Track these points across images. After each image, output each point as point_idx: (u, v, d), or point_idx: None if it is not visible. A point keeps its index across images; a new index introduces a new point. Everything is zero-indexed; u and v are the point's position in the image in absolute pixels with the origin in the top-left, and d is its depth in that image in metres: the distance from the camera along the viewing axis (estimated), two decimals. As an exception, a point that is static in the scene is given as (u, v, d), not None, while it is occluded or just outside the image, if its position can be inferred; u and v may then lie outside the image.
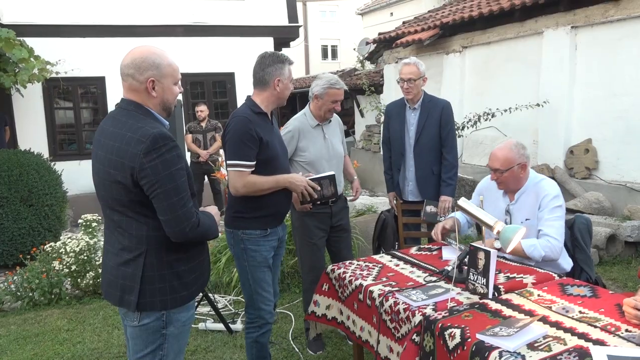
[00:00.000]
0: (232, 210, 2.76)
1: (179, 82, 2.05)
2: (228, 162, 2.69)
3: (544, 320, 1.97)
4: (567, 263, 2.84)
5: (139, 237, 1.91)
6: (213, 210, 2.18)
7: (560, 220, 2.75)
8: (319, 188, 2.89)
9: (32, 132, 8.68)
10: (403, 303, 2.25)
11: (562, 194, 2.84)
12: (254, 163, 2.66)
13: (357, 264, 2.84)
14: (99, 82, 9.01)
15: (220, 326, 3.90)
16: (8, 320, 4.40)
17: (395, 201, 3.98)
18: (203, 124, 7.65)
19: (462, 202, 2.52)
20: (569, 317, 1.99)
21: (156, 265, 1.92)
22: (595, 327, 1.89)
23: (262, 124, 2.71)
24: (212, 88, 9.94)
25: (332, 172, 3.03)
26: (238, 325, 3.93)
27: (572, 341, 1.80)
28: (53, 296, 4.70)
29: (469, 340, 1.86)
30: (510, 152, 2.81)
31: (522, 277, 2.46)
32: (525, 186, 2.86)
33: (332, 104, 3.33)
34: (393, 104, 4.08)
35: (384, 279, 2.58)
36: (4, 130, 7.96)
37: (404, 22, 10.70)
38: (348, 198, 3.64)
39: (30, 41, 7.44)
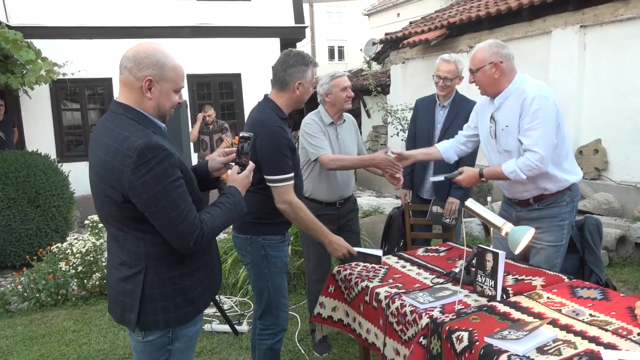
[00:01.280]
0: (252, 216, 2.54)
1: (180, 92, 1.88)
2: (275, 177, 2.49)
3: (554, 323, 1.93)
4: (572, 174, 2.73)
5: (137, 253, 1.78)
6: (236, 180, 1.99)
7: (540, 126, 2.55)
8: (353, 257, 2.72)
9: (39, 134, 8.73)
10: (410, 305, 2.22)
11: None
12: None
13: (363, 266, 2.81)
14: (106, 83, 9.06)
15: (226, 328, 3.89)
16: (15, 321, 4.40)
17: (405, 199, 3.96)
18: (210, 126, 7.66)
19: (470, 203, 2.49)
20: (579, 320, 1.95)
21: (157, 282, 1.79)
22: (607, 330, 1.85)
23: (288, 132, 2.61)
24: (219, 89, 9.96)
25: (379, 253, 2.72)
26: (244, 327, 3.91)
27: (583, 345, 1.76)
28: (59, 297, 4.71)
29: (477, 343, 1.82)
30: (483, 50, 2.66)
31: (530, 279, 2.42)
32: (507, 90, 2.68)
33: (343, 93, 3.29)
34: (423, 99, 4.02)
35: (391, 281, 2.55)
36: (12, 131, 8.00)
37: (410, 23, 10.66)
38: (395, 186, 3.49)
39: (37, 43, 7.46)
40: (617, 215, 5.73)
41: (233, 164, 2.08)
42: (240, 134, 2.07)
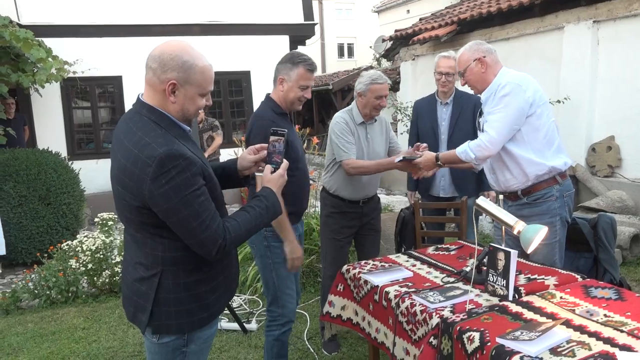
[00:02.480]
0: None
1: (209, 95, 1.78)
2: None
3: (567, 323, 1.89)
4: (553, 160, 2.70)
5: (154, 256, 1.73)
6: (271, 181, 1.90)
7: (501, 111, 2.64)
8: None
9: (50, 132, 8.76)
10: (420, 305, 2.19)
11: (584, 193, 2.76)
12: None
13: (373, 264, 2.79)
14: (116, 81, 9.07)
15: (234, 326, 3.87)
16: (26, 318, 4.43)
17: (413, 198, 3.94)
18: (200, 125, 7.62)
19: (481, 201, 2.45)
20: (593, 320, 1.91)
21: (172, 287, 1.74)
22: (622, 331, 1.81)
23: (284, 125, 2.60)
24: (228, 87, 9.95)
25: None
26: (253, 325, 3.89)
27: (597, 346, 1.72)
28: (70, 294, 4.73)
29: (489, 344, 1.79)
30: (466, 51, 2.80)
31: (543, 278, 2.37)
32: (492, 85, 2.77)
33: (376, 100, 3.29)
34: (422, 100, 4.02)
35: (400, 280, 2.52)
36: (23, 129, 8.05)
37: (420, 19, 10.59)
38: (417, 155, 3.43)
39: (48, 41, 7.50)
40: (631, 213, 5.65)
41: (264, 163, 1.99)
42: (272, 130, 1.99)
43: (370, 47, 16.15)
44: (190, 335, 1.83)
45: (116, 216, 5.12)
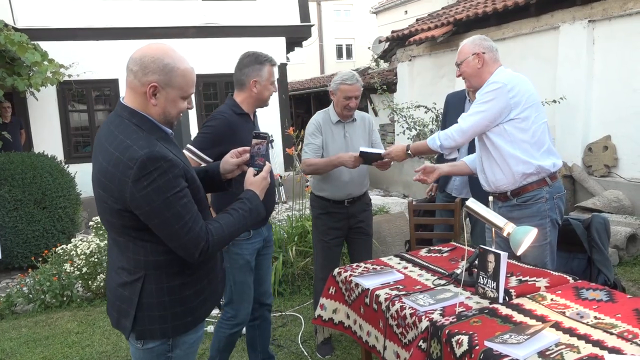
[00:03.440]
0: (217, 211, 2.63)
1: (191, 98, 1.78)
2: (189, 145, 2.68)
3: (557, 326, 1.87)
4: (542, 160, 2.66)
5: (137, 260, 1.72)
6: (254, 184, 1.92)
7: (481, 106, 2.65)
8: None
9: (47, 135, 8.77)
10: (410, 308, 2.17)
11: (580, 193, 2.74)
12: (207, 159, 2.62)
13: (365, 267, 2.77)
14: (112, 84, 9.08)
15: (229, 329, 3.86)
16: (20, 322, 4.41)
17: (431, 192, 4.01)
18: None
19: (471, 202, 2.43)
20: (583, 323, 1.90)
21: (155, 291, 1.72)
22: (612, 334, 1.79)
23: (243, 125, 2.70)
24: (225, 89, 9.95)
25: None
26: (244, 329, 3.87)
27: (587, 349, 1.70)
28: (64, 298, 4.71)
29: (477, 347, 1.77)
30: (468, 44, 2.79)
31: (534, 280, 2.36)
32: (487, 83, 2.75)
33: (345, 101, 3.25)
34: (454, 94, 3.98)
35: (391, 282, 2.51)
36: (20, 133, 8.04)
37: (417, 20, 10.59)
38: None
39: (44, 45, 7.50)
40: (628, 213, 5.64)
41: (247, 166, 2.00)
42: (254, 133, 1.99)
43: (369, 48, 16.15)
44: (175, 340, 1.81)
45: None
